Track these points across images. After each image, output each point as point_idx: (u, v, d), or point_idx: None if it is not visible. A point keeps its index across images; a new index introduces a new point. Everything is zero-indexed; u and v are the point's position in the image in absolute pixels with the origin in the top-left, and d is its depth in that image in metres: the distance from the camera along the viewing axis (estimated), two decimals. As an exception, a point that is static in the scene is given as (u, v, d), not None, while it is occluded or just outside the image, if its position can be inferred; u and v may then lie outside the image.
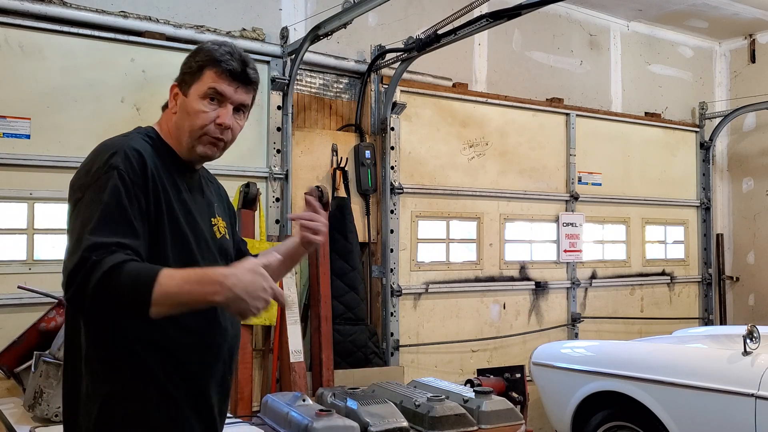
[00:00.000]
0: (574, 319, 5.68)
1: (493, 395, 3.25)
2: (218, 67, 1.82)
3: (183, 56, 1.98)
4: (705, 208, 6.63)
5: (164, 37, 4.02)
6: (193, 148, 1.85)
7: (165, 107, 1.95)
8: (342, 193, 4.59)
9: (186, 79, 1.87)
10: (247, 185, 4.07)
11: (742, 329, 3.55)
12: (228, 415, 2.63)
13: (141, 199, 1.68)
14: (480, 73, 5.46)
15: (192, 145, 1.85)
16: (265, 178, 4.31)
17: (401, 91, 4.82)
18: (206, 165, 1.93)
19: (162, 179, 1.76)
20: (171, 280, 1.55)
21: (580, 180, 5.80)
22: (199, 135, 1.84)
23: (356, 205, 4.64)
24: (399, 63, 4.57)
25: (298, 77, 4.48)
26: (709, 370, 3.52)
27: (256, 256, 2.05)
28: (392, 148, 4.76)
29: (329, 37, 4.07)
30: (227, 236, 1.99)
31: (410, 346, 4.83)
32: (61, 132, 3.75)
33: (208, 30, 4.19)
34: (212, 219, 1.94)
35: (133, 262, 1.57)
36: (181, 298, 1.56)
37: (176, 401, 1.76)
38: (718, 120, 6.60)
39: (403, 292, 4.77)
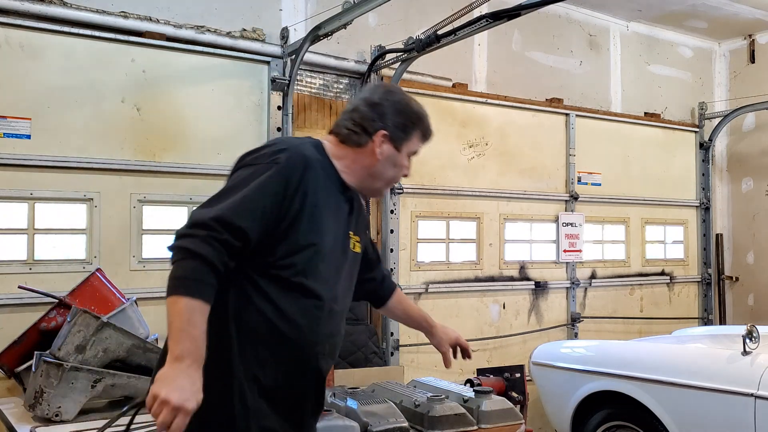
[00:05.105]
0: (574, 319, 5.69)
1: (492, 395, 3.24)
2: (427, 134, 2.14)
3: (183, 56, 2.02)
4: (704, 208, 6.63)
5: (164, 37, 4.02)
6: (377, 189, 2.15)
7: (345, 139, 2.06)
8: (342, 193, 4.59)
9: (398, 135, 2.07)
10: (248, 185, 4.07)
11: (742, 329, 3.55)
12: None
13: (282, 198, 1.84)
14: (480, 73, 5.46)
15: (378, 187, 2.13)
16: (266, 178, 4.31)
17: (401, 91, 4.81)
18: (208, 165, 1.97)
19: (315, 186, 1.91)
20: (181, 314, 1.69)
21: (579, 180, 5.80)
22: (392, 184, 2.16)
23: (356, 205, 4.64)
24: (399, 63, 4.57)
25: (298, 77, 4.48)
26: (709, 370, 3.52)
27: (378, 261, 2.45)
28: (392, 148, 4.75)
29: (329, 38, 4.07)
30: (359, 251, 2.16)
31: (410, 345, 4.83)
32: (61, 132, 3.75)
33: (209, 30, 4.20)
34: (350, 233, 2.09)
35: (208, 270, 1.73)
36: (168, 325, 1.71)
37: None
38: (717, 120, 6.61)
39: (403, 291, 4.76)
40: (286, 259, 1.86)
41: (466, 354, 2.59)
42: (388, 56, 4.64)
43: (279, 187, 1.83)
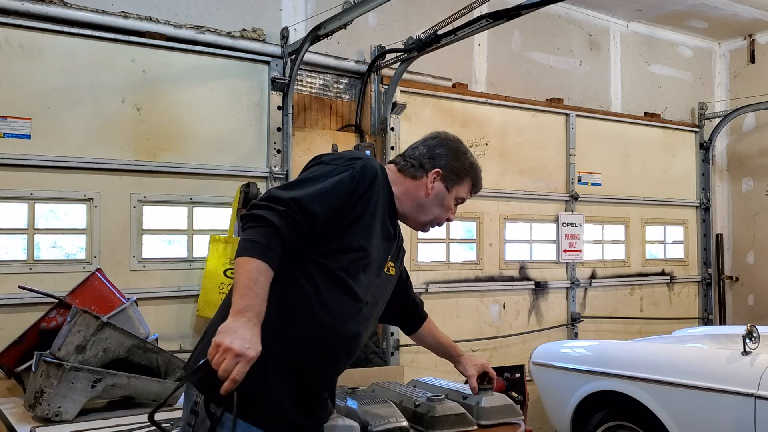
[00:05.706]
0: (574, 319, 5.69)
1: (492, 392, 3.25)
2: (477, 185, 2.33)
3: (183, 56, 2.03)
4: (704, 208, 6.63)
5: (164, 37, 4.02)
6: (422, 223, 2.28)
7: (402, 169, 2.25)
8: (342, 193, 4.59)
9: (451, 177, 2.26)
10: (248, 185, 4.08)
11: (742, 329, 3.55)
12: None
13: (349, 198, 2.01)
14: (480, 73, 5.46)
15: (423, 221, 2.27)
16: (266, 178, 4.32)
17: (401, 91, 4.82)
18: (208, 165, 1.97)
19: (377, 199, 2.08)
20: (250, 273, 1.83)
21: (579, 180, 5.81)
22: (436, 223, 2.29)
23: (356, 205, 4.64)
24: (399, 63, 4.57)
25: (298, 77, 4.48)
26: (709, 370, 3.52)
27: (409, 289, 2.64)
28: (392, 148, 4.76)
29: (329, 38, 4.07)
30: (392, 274, 2.29)
31: (410, 345, 4.82)
32: (61, 132, 3.75)
33: (209, 30, 4.20)
34: (388, 256, 2.22)
35: (279, 240, 1.88)
36: (236, 281, 1.85)
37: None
38: (717, 120, 6.61)
39: (403, 292, 4.76)
40: (336, 254, 2.02)
41: (490, 382, 2.81)
42: (388, 56, 4.65)
43: (350, 188, 2.02)
